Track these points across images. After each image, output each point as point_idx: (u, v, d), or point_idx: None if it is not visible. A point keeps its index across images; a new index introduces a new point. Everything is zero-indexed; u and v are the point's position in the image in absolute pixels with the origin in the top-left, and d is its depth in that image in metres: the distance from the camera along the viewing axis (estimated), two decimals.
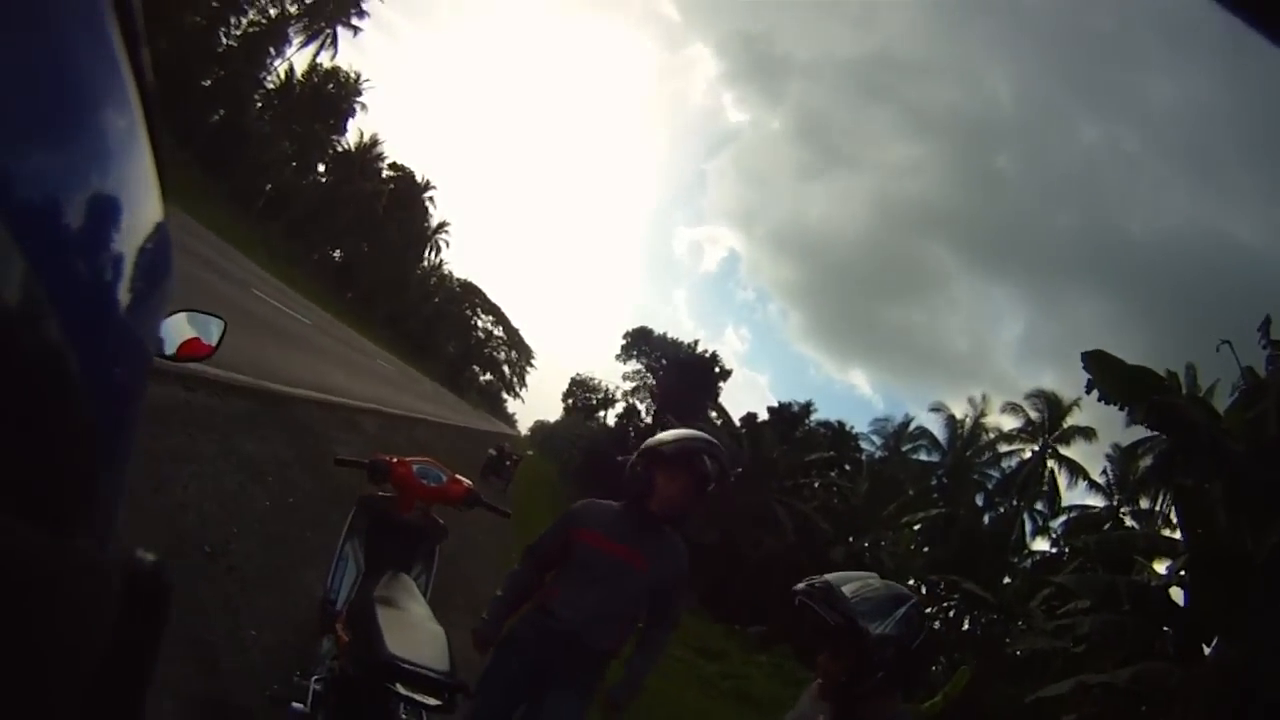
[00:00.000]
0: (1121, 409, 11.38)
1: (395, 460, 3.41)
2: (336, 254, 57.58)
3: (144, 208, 0.73)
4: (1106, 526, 22.98)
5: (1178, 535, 12.59)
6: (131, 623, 0.77)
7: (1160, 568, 13.06)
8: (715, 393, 52.40)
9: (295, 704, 2.75)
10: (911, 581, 23.30)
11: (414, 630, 2.46)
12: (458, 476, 3.53)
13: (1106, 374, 11.00)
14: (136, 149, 0.69)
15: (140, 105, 0.69)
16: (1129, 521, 23.37)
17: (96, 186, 0.59)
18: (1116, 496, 26.51)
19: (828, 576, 2.10)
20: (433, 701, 2.23)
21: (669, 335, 56.70)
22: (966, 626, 25.24)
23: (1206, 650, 11.03)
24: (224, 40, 42.21)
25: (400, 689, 2.20)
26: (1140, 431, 16.82)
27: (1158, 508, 18.45)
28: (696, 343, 56.35)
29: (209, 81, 41.54)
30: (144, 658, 0.83)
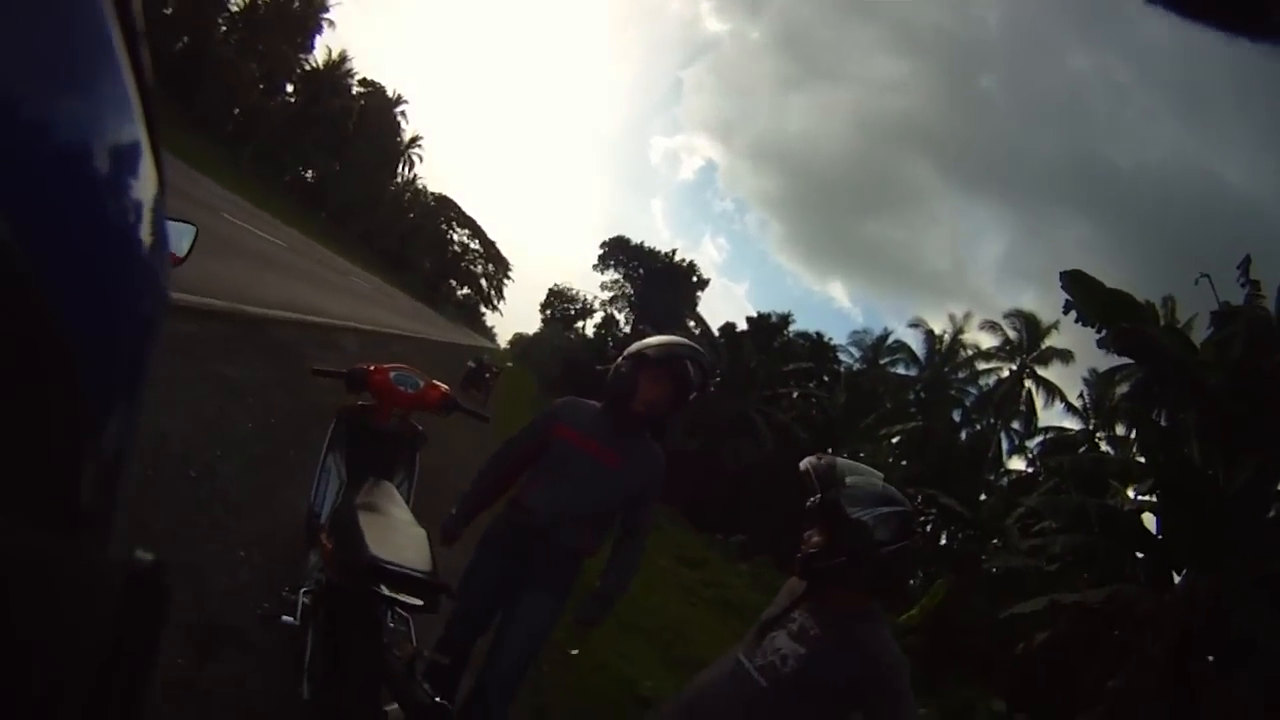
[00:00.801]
0: (1099, 331, 11.36)
1: (372, 368, 3.39)
2: (308, 174, 56.46)
3: (141, 186, 0.73)
4: (1082, 449, 23.26)
5: None
6: (131, 622, 0.77)
7: (1133, 493, 13.20)
8: (694, 301, 52.83)
9: (285, 617, 2.78)
10: None
11: (396, 533, 2.44)
12: (434, 382, 3.51)
13: (1085, 295, 10.87)
14: (133, 132, 0.69)
15: (137, 90, 0.69)
16: (1104, 446, 23.63)
17: (95, 170, 0.60)
18: (1093, 420, 26.91)
19: (839, 459, 2.17)
20: (417, 602, 2.21)
21: (646, 244, 56.77)
22: (944, 541, 25.78)
23: (1177, 578, 11.13)
24: None
25: (384, 591, 2.17)
26: (1119, 357, 16.95)
27: (1132, 435, 18.61)
28: (674, 252, 56.48)
29: (170, 9, 39.95)
30: (144, 657, 0.83)
